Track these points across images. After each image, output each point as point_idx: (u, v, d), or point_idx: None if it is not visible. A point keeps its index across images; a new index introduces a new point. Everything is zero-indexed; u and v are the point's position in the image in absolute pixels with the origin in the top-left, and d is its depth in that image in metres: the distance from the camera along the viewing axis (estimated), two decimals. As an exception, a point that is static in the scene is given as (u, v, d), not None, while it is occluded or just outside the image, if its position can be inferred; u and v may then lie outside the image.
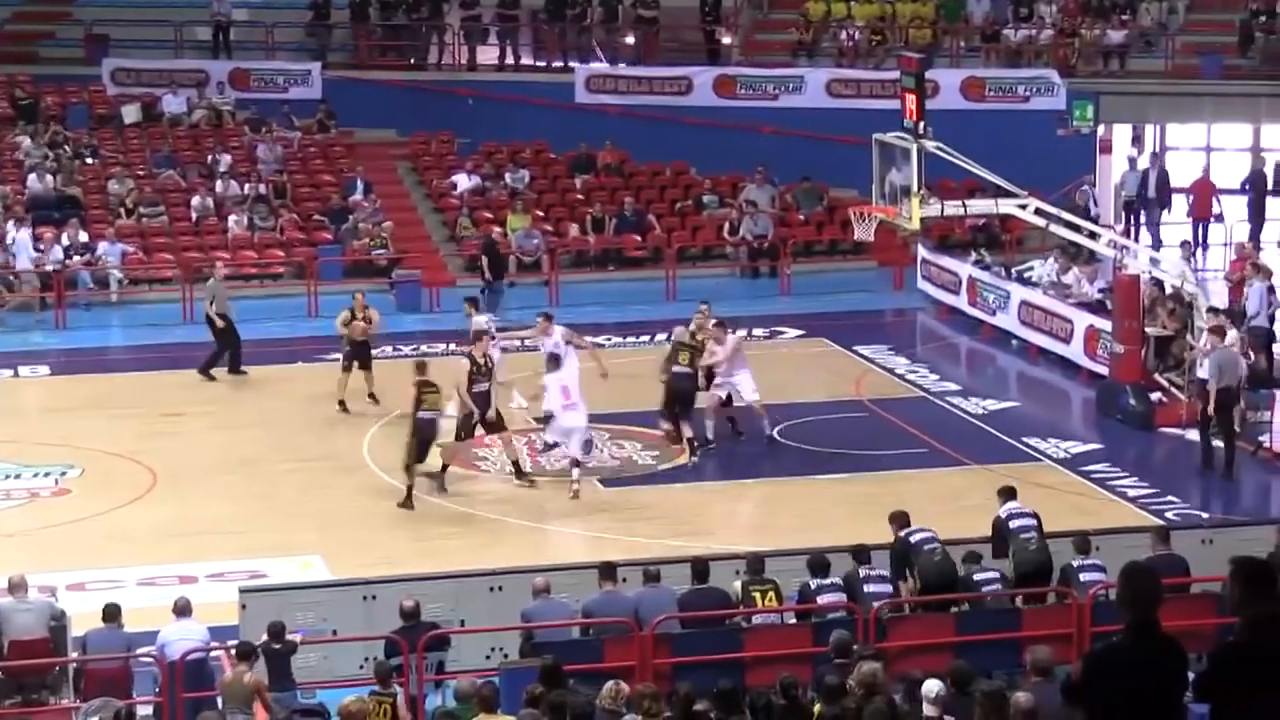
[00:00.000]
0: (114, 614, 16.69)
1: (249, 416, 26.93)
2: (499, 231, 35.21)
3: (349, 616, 17.46)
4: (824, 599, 16.79)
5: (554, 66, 40.76)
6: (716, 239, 36.65)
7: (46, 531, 22.20)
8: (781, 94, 39.32)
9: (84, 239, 34.18)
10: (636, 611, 16.55)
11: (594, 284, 34.98)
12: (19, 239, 33.60)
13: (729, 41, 41.37)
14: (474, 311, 26.77)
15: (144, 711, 15.88)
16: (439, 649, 16.62)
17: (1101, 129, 38.63)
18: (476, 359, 23.46)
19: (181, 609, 16.76)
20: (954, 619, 17.10)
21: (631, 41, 41.25)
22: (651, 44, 40.94)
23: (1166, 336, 26.86)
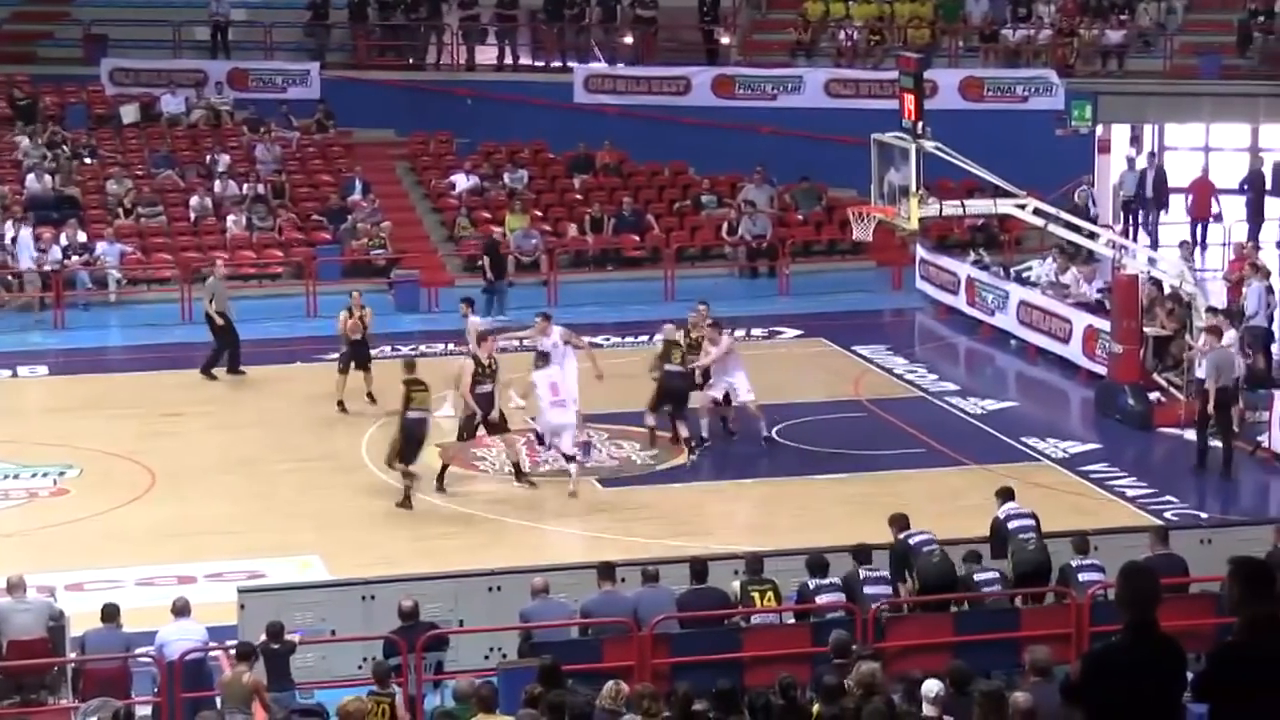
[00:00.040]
0: (113, 614, 16.67)
1: (248, 416, 26.92)
2: (500, 231, 35.20)
3: (348, 616, 17.46)
4: (823, 599, 16.78)
5: (552, 66, 40.74)
6: (715, 239, 36.63)
7: (45, 531, 22.19)
8: (780, 94, 39.31)
9: (82, 239, 34.16)
10: (635, 611, 16.54)
11: (592, 284, 34.96)
12: (21, 238, 33.61)
13: (727, 41, 41.36)
14: (469, 311, 26.77)
15: (143, 711, 15.85)
16: (438, 649, 16.61)
17: (1100, 129, 38.65)
18: (481, 360, 23.44)
19: (180, 609, 16.75)
20: (952, 619, 17.08)
21: (630, 41, 41.24)
22: (650, 44, 40.93)
23: (1165, 336, 26.84)
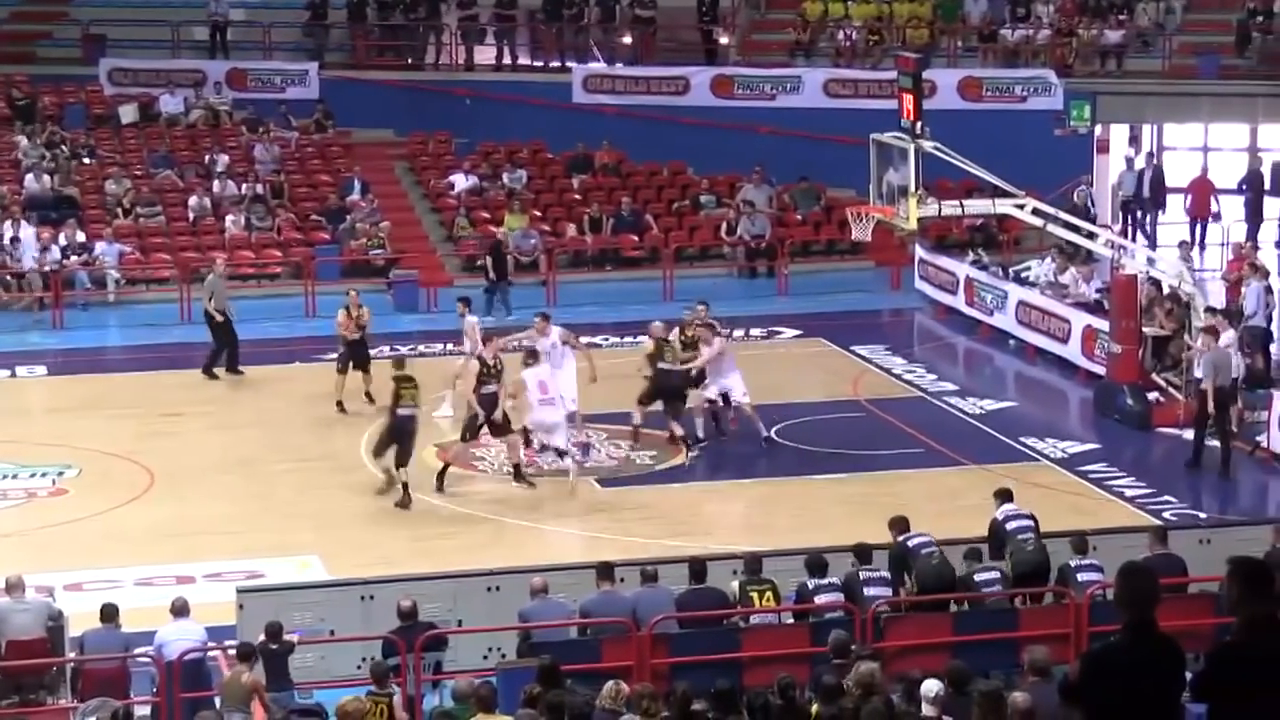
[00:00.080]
0: (111, 614, 16.67)
1: (247, 416, 26.91)
2: (501, 231, 35.15)
3: (346, 616, 17.46)
4: (821, 599, 16.78)
5: (551, 66, 40.73)
6: (714, 239, 36.62)
7: (44, 531, 22.18)
8: (779, 94, 39.31)
9: (81, 239, 34.15)
10: (634, 611, 16.53)
11: (591, 284, 34.95)
12: (23, 238, 33.62)
13: (726, 41, 41.36)
14: (466, 311, 26.78)
15: (141, 712, 15.84)
16: (437, 649, 16.62)
17: (1099, 129, 38.67)
18: (486, 360, 23.47)
19: (179, 609, 16.76)
20: (951, 619, 17.08)
21: (629, 41, 41.24)
22: (649, 44, 40.92)
23: (1164, 336, 26.84)
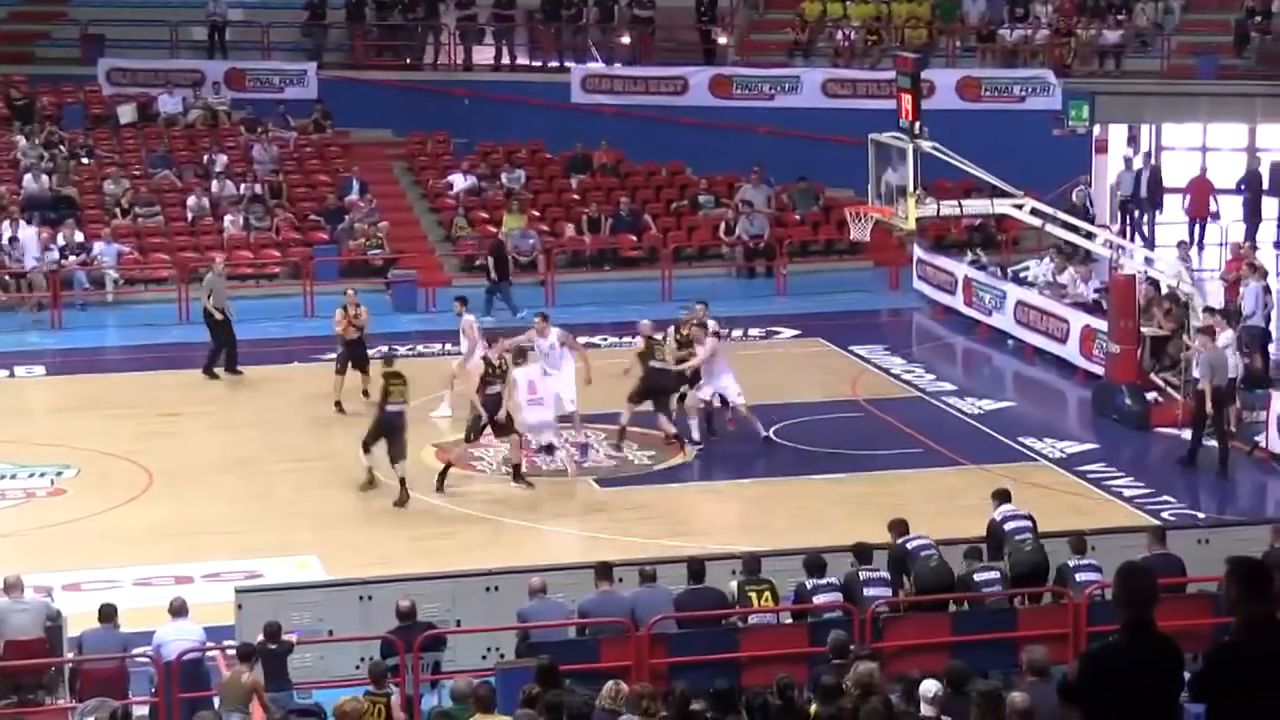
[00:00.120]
0: (110, 614, 16.66)
1: (245, 416, 26.91)
2: (503, 232, 35.10)
3: (345, 616, 17.45)
4: (820, 599, 16.77)
5: (550, 66, 40.73)
6: (712, 239, 36.62)
7: (42, 531, 22.17)
8: (777, 94, 39.32)
9: (79, 239, 34.15)
10: (633, 611, 16.53)
11: (590, 284, 34.95)
12: (25, 238, 33.61)
13: (725, 41, 41.37)
14: (463, 310, 26.79)
15: (140, 712, 15.83)
16: (435, 649, 16.61)
17: (1097, 129, 38.68)
18: (492, 361, 23.48)
19: (177, 609, 16.75)
20: (950, 619, 17.08)
21: (627, 41, 41.24)
22: (647, 44, 40.93)
23: (1162, 336, 26.85)
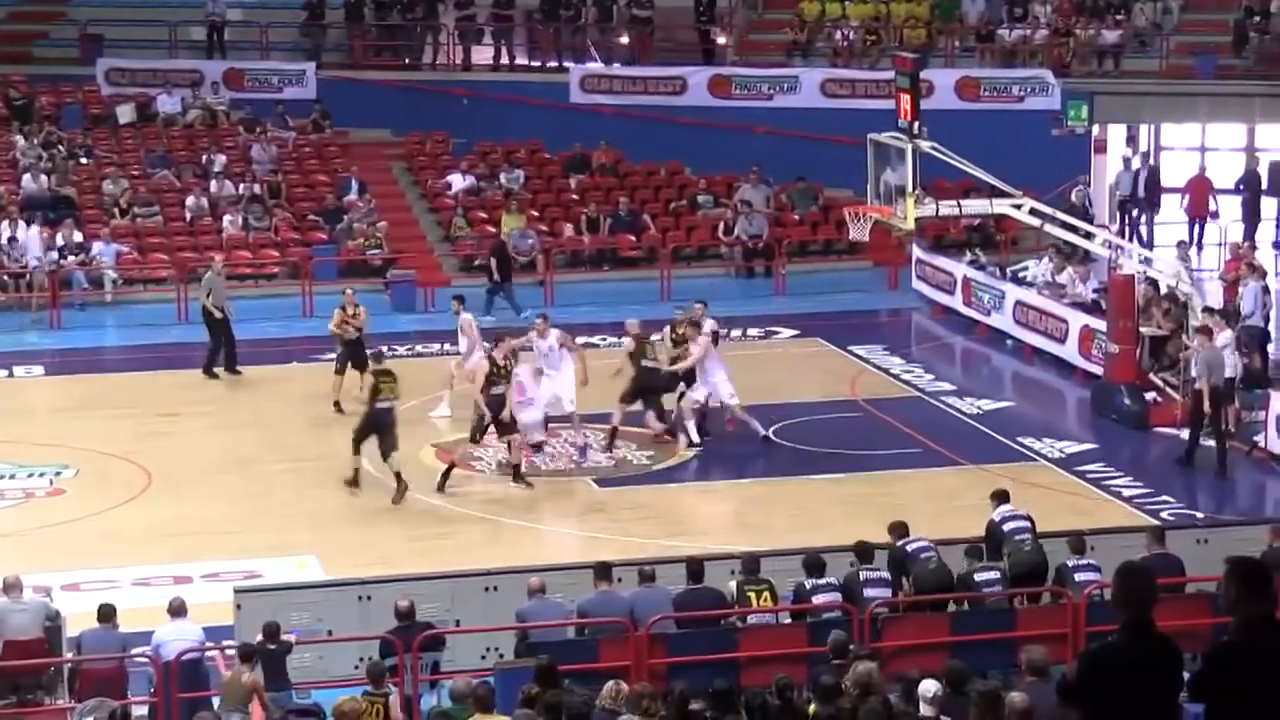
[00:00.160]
0: (109, 614, 16.65)
1: (244, 416, 26.91)
2: (505, 233, 35.07)
3: (344, 616, 17.44)
4: (819, 599, 16.76)
5: (549, 66, 40.73)
6: (711, 239, 36.62)
7: (41, 532, 22.17)
8: (776, 94, 39.32)
9: (78, 239, 34.15)
10: (632, 611, 16.52)
11: (589, 284, 34.95)
12: (27, 237, 33.60)
13: (724, 41, 41.37)
14: (461, 309, 26.80)
15: (139, 712, 15.82)
16: (434, 649, 16.60)
17: (1096, 129, 38.67)
18: (496, 361, 23.48)
19: (176, 609, 16.74)
20: (949, 619, 17.08)
21: (626, 41, 41.24)
22: (646, 44, 40.93)
23: (1161, 336, 26.86)
